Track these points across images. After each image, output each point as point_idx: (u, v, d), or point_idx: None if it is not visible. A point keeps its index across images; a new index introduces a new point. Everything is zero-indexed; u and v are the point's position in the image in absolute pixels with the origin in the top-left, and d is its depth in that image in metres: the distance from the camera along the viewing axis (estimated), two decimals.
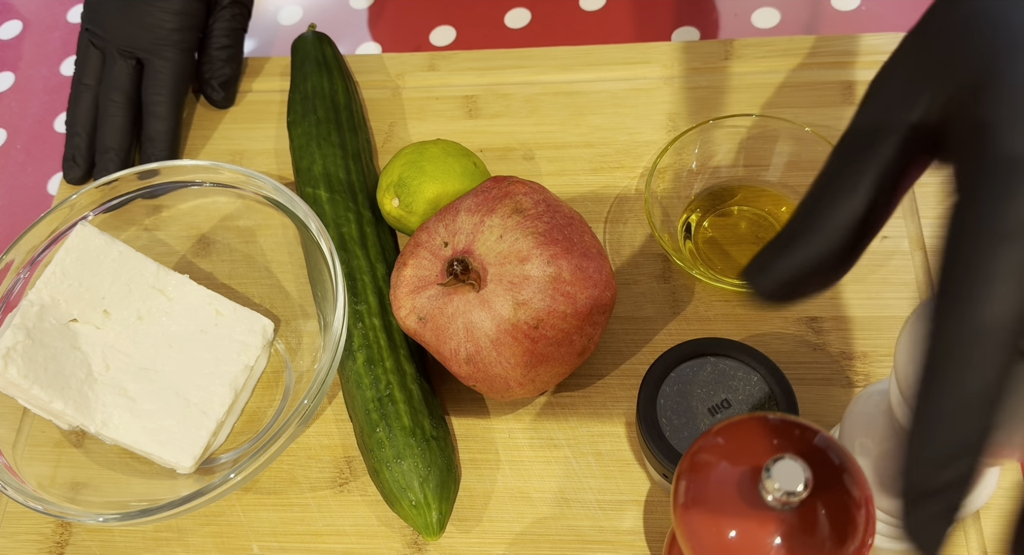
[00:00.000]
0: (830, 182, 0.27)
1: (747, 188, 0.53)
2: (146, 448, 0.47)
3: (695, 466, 0.30)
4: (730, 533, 0.28)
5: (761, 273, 0.28)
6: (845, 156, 0.27)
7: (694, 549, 0.29)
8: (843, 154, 0.27)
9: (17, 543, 0.49)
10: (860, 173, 0.26)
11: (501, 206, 0.44)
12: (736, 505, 0.28)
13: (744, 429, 0.29)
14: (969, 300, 0.22)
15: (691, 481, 0.29)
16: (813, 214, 0.27)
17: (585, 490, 0.47)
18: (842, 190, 0.26)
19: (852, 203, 0.26)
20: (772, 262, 0.28)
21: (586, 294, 0.43)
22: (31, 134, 0.66)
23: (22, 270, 0.50)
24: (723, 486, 0.29)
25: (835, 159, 0.27)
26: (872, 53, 0.58)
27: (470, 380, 0.44)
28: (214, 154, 0.61)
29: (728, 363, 0.44)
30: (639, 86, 0.59)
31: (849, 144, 0.27)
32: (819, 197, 0.27)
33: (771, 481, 0.27)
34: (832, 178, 0.27)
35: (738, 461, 0.29)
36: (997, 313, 0.22)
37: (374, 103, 0.61)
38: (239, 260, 0.54)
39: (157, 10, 0.58)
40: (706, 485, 0.29)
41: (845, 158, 0.27)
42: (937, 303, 0.23)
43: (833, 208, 0.26)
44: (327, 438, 0.50)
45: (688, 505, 0.29)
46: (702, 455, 0.30)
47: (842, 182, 0.26)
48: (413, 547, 0.47)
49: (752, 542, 0.27)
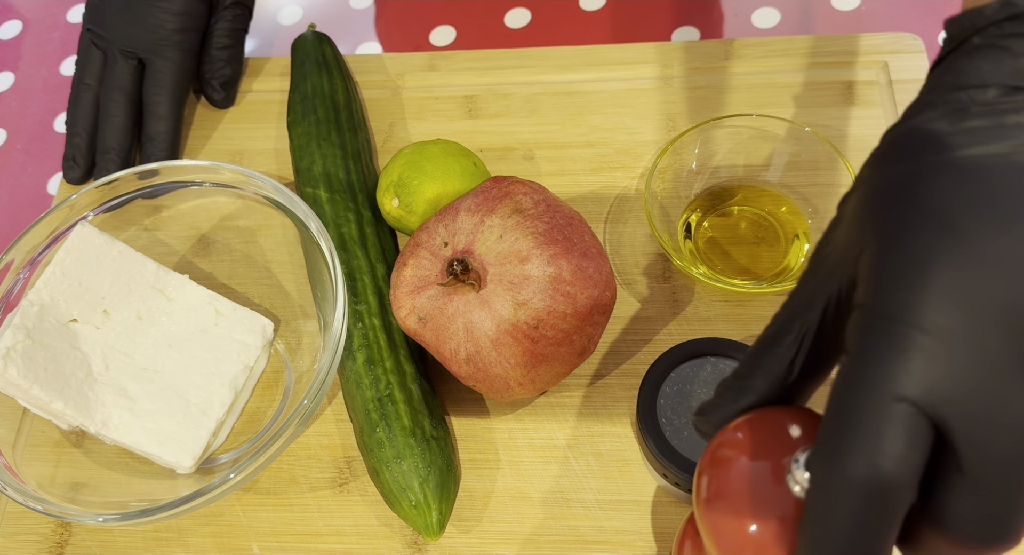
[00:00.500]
0: (766, 338, 0.29)
1: (747, 188, 0.53)
2: (146, 448, 0.47)
3: (716, 461, 0.29)
4: (757, 526, 0.28)
5: (707, 418, 0.30)
6: (782, 316, 0.29)
7: (719, 544, 0.29)
8: (781, 316, 0.29)
9: (17, 543, 0.49)
10: (788, 333, 0.29)
11: (501, 206, 0.44)
12: (762, 498, 0.28)
13: (764, 422, 0.29)
14: (837, 449, 0.24)
15: (713, 477, 0.29)
16: (750, 364, 0.29)
17: (585, 490, 0.47)
18: (774, 347, 0.29)
19: (782, 357, 0.29)
20: (716, 408, 0.30)
21: (586, 294, 0.43)
22: (31, 134, 0.66)
23: (22, 270, 0.50)
24: (747, 480, 0.28)
25: (776, 319, 0.30)
26: (872, 53, 0.58)
27: (470, 380, 0.44)
28: (214, 154, 0.61)
29: (728, 363, 0.44)
30: (639, 86, 0.59)
31: (787, 307, 0.29)
32: (755, 351, 0.29)
33: (801, 471, 0.27)
34: (767, 335, 0.29)
35: (760, 455, 0.29)
36: (859, 464, 0.23)
37: (374, 103, 0.61)
38: (239, 260, 0.54)
39: (159, 11, 0.58)
40: (729, 480, 0.29)
41: (782, 318, 0.29)
42: (814, 450, 0.25)
43: (766, 361, 0.29)
44: (327, 438, 0.50)
45: (711, 500, 0.29)
46: (723, 450, 0.29)
47: (774, 340, 0.29)
48: (413, 547, 0.47)
49: (781, 534, 0.27)
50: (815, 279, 0.29)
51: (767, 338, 0.29)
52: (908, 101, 0.57)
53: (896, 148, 0.28)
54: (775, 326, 0.29)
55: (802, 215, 0.52)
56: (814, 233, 0.51)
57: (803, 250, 0.51)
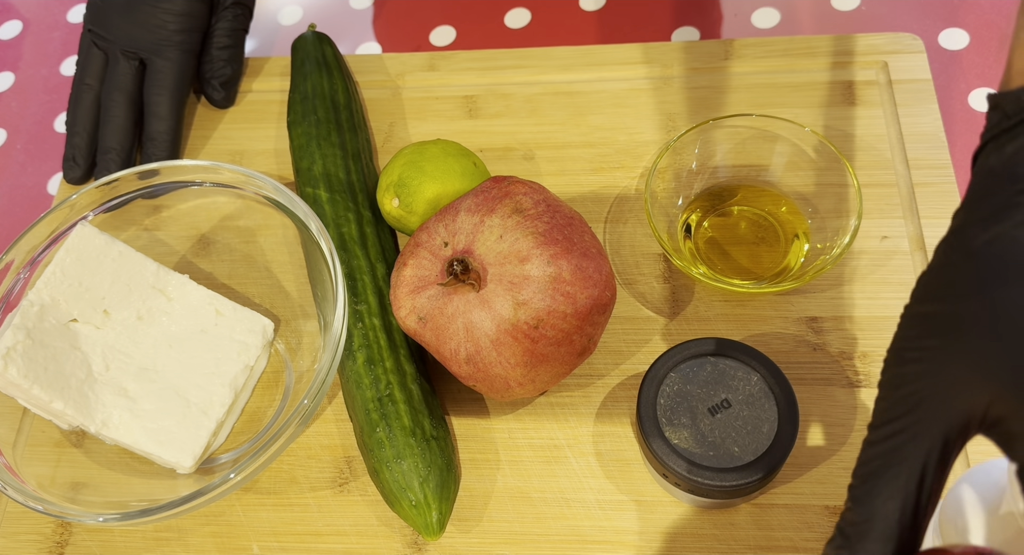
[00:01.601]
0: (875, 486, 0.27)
1: (747, 188, 0.53)
2: (146, 448, 0.47)
3: None
4: None
5: None
6: (883, 460, 0.26)
7: None
8: (881, 457, 0.27)
9: (17, 543, 0.49)
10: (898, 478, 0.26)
11: (501, 206, 0.44)
12: None
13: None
14: None
15: None
16: (861, 514, 0.27)
17: (585, 490, 0.47)
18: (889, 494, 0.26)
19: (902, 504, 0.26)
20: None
21: (586, 294, 0.43)
22: (31, 134, 0.66)
23: (22, 270, 0.50)
24: None
25: (872, 460, 0.27)
26: (872, 53, 0.58)
27: (470, 380, 0.44)
28: (214, 154, 0.61)
29: (728, 363, 0.44)
30: (639, 86, 0.59)
31: (884, 446, 0.27)
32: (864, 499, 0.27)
33: None
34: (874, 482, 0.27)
35: None
36: None
37: (374, 103, 0.61)
38: (239, 260, 0.54)
39: (160, 11, 0.58)
40: None
41: (884, 462, 0.26)
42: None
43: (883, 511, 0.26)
44: (327, 438, 0.50)
45: None
46: None
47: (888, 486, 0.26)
48: (413, 547, 0.47)
49: None
50: (915, 422, 0.26)
51: (868, 492, 0.27)
52: (908, 101, 0.57)
53: (999, 270, 0.25)
54: (869, 478, 0.27)
55: (802, 215, 0.52)
56: (814, 233, 0.51)
57: (803, 250, 0.51)
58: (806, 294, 0.51)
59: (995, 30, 0.60)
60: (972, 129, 0.57)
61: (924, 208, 0.52)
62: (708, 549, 0.45)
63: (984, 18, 0.61)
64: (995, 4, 0.61)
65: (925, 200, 0.52)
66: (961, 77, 0.59)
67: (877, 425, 0.27)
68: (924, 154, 0.54)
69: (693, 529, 0.45)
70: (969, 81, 0.58)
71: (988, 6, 0.61)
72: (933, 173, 0.53)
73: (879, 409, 0.28)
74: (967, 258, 0.26)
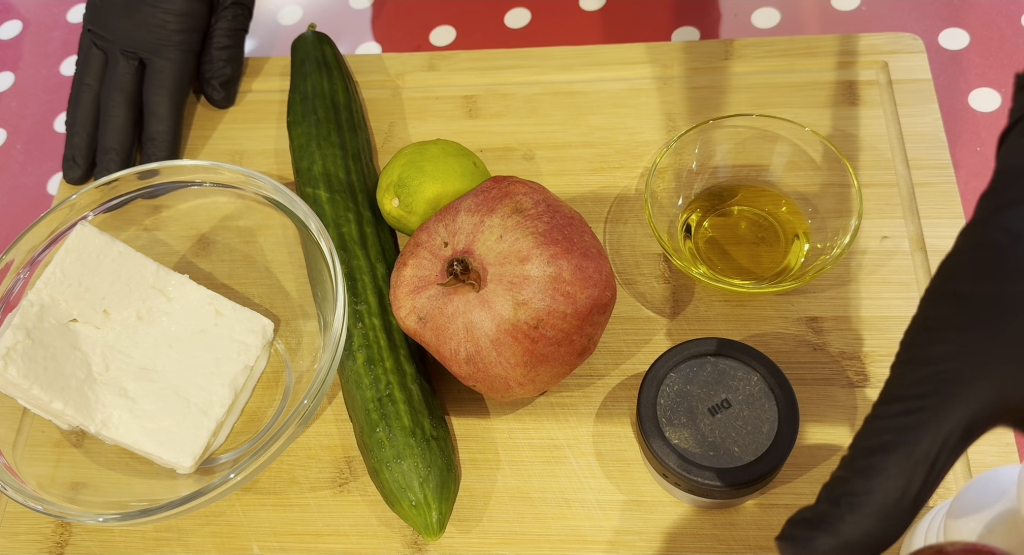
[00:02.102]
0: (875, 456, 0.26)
1: (747, 188, 0.53)
2: (146, 448, 0.47)
3: None
4: None
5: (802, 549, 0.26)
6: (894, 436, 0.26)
7: None
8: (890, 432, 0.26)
9: (17, 543, 0.49)
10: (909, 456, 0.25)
11: (501, 206, 0.44)
12: None
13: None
14: None
15: None
16: (854, 488, 0.26)
17: (585, 490, 0.47)
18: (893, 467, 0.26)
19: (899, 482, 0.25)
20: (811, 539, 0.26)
21: (586, 294, 0.43)
22: (31, 134, 0.66)
23: (22, 270, 0.50)
24: None
25: (880, 431, 0.26)
26: (872, 53, 0.58)
27: (470, 380, 0.44)
28: (214, 154, 0.61)
29: (728, 363, 0.44)
30: (639, 86, 0.59)
31: (898, 421, 0.26)
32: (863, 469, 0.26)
33: None
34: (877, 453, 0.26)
35: None
36: None
37: (374, 103, 0.61)
38: (239, 260, 0.54)
39: (160, 11, 0.58)
40: None
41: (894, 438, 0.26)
42: None
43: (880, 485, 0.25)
44: (327, 438, 0.50)
45: None
46: None
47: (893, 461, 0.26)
48: (413, 547, 0.47)
49: None
50: (940, 401, 0.25)
51: (868, 466, 0.26)
52: (908, 101, 0.57)
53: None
54: (869, 451, 0.26)
55: (802, 215, 0.52)
56: (814, 233, 0.51)
57: (803, 250, 0.51)
58: (806, 294, 0.51)
59: (995, 30, 0.60)
60: (972, 129, 0.57)
61: (924, 208, 0.52)
62: (708, 549, 0.45)
63: (984, 18, 0.61)
64: (995, 4, 0.61)
65: (925, 200, 0.52)
66: (961, 77, 0.58)
67: (890, 400, 0.26)
68: (924, 154, 0.54)
69: (693, 529, 0.45)
70: (969, 81, 0.58)
71: (988, 6, 0.61)
72: (933, 173, 0.53)
73: (894, 385, 0.27)
74: (1016, 239, 0.25)
